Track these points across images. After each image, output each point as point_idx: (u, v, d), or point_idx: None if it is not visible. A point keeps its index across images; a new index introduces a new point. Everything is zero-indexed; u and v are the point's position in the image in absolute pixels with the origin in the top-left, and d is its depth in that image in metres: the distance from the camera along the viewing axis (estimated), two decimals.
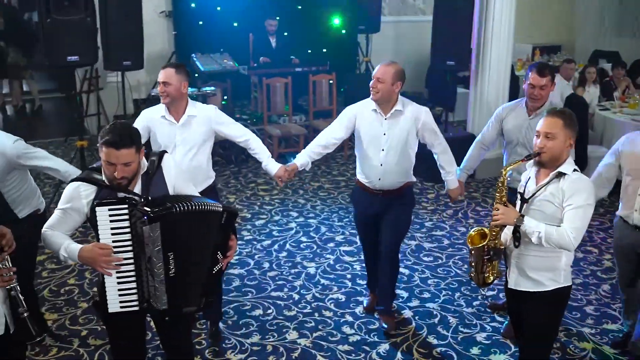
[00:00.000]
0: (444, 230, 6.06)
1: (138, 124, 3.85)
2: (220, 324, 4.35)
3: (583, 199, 2.96)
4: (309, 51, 9.71)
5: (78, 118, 7.32)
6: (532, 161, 3.14)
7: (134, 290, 2.76)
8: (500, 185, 3.12)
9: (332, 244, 5.71)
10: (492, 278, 3.28)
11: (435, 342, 4.21)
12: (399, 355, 4.07)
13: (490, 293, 4.80)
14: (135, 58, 7.03)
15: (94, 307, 3.10)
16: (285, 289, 4.91)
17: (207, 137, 4.01)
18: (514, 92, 8.22)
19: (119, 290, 2.74)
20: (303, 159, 4.18)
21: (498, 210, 3.06)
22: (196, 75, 8.60)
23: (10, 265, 2.57)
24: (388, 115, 4.01)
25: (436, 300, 4.75)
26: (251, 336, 4.26)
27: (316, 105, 8.42)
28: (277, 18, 8.84)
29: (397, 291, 4.78)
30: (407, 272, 5.19)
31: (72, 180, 2.88)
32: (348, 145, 8.00)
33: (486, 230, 3.17)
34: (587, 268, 5.30)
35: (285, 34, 9.08)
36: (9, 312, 2.67)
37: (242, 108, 9.17)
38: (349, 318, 4.49)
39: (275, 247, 5.67)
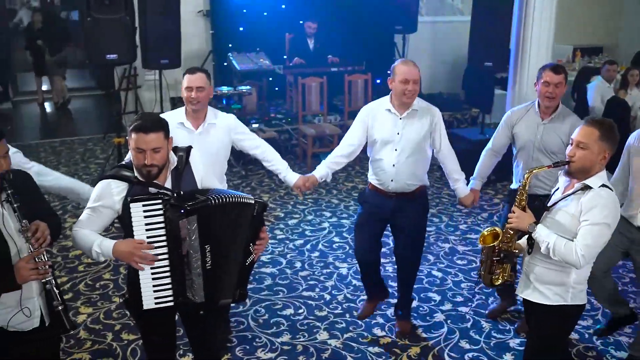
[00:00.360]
0: (478, 233, 5.98)
1: None
2: (251, 322, 4.37)
3: (601, 216, 2.82)
4: (346, 51, 9.67)
5: (116, 115, 7.44)
6: (563, 170, 3.05)
7: (169, 286, 2.78)
8: (522, 189, 3.03)
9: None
10: (500, 280, 3.21)
11: (467, 346, 4.16)
12: (430, 359, 4.03)
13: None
14: (173, 57, 7.09)
15: (125, 306, 3.14)
16: (317, 289, 4.90)
17: (225, 148, 3.95)
18: None
19: (154, 286, 2.76)
20: (323, 170, 4.11)
21: (514, 213, 2.99)
22: (232, 74, 8.70)
23: (46, 260, 2.61)
24: (404, 114, 3.91)
25: (469, 304, 4.69)
26: (282, 335, 4.26)
27: (351, 105, 8.39)
28: (317, 21, 8.82)
29: (430, 294, 4.74)
30: (440, 275, 5.14)
31: (103, 178, 2.90)
32: None
33: (499, 231, 3.12)
34: (626, 275, 5.17)
35: (323, 33, 9.07)
36: (44, 305, 2.72)
37: (277, 107, 9.19)
38: (380, 320, 4.46)
39: (308, 246, 5.67)
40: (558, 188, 3.10)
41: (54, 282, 2.64)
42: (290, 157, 7.95)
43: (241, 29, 9.35)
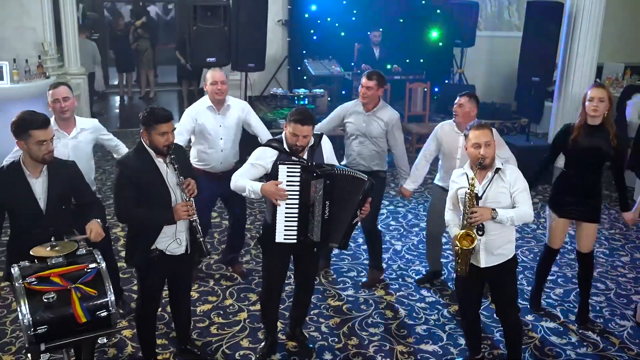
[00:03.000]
0: None
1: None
2: (323, 280, 5.43)
3: (523, 182, 3.84)
4: (407, 61, 10.65)
5: None
6: (466, 164, 3.98)
7: (295, 227, 3.93)
8: (470, 193, 3.80)
9: (416, 229, 6.68)
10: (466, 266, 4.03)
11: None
12: None
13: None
14: (258, 61, 8.24)
15: (258, 241, 4.32)
16: None
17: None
18: None
19: (285, 226, 3.92)
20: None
21: (476, 212, 3.77)
22: (305, 78, 9.82)
23: (193, 206, 3.72)
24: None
25: None
26: (347, 290, 5.32)
27: (411, 110, 9.37)
28: (380, 29, 9.85)
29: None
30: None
31: (262, 145, 4.10)
32: None
33: (472, 232, 3.81)
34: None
35: (387, 44, 10.07)
36: (189, 239, 3.84)
37: None
38: (428, 285, 5.45)
39: None
40: (469, 179, 3.85)
41: (197, 220, 3.76)
42: None
43: (315, 37, 10.47)
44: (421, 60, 10.90)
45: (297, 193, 3.89)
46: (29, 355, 2.86)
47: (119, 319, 4.48)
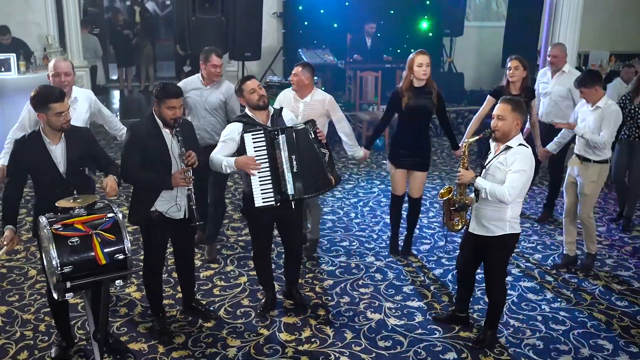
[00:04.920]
0: None
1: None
2: (319, 250, 5.82)
3: (520, 165, 3.96)
4: (399, 50, 11.04)
5: None
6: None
7: (270, 189, 4.31)
8: (462, 154, 4.24)
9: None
10: (460, 226, 4.39)
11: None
12: (450, 277, 5.38)
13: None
14: (254, 50, 8.64)
15: (242, 214, 4.71)
16: (367, 230, 6.34)
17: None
18: None
19: (261, 190, 4.30)
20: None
21: (460, 172, 4.16)
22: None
23: (191, 175, 4.08)
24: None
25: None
26: (339, 257, 5.72)
27: None
28: (374, 24, 10.24)
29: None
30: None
31: (229, 122, 4.51)
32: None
33: (450, 187, 4.33)
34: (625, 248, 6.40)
35: (379, 34, 10.47)
36: (187, 205, 4.23)
37: (337, 97, 10.61)
38: (415, 252, 5.85)
39: (361, 203, 7.12)
40: (491, 150, 4.20)
41: (192, 190, 4.14)
42: None
43: (309, 29, 10.87)
44: (412, 50, 11.22)
45: (266, 156, 4.29)
46: (55, 294, 3.25)
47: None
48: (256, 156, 4.27)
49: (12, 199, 3.91)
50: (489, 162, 4.16)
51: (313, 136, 4.39)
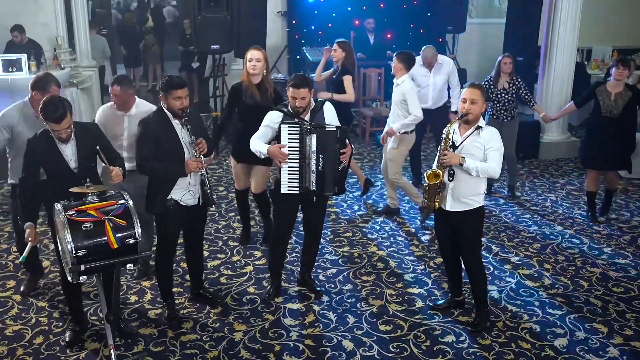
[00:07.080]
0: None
1: None
2: (322, 240, 5.97)
3: (497, 143, 4.29)
4: (402, 47, 11.17)
5: (211, 97, 9.20)
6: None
7: (296, 180, 4.57)
8: (445, 137, 4.37)
9: (408, 198, 7.23)
10: (437, 204, 4.49)
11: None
12: None
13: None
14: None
15: (270, 193, 5.08)
16: (370, 222, 6.50)
17: None
18: (583, 88, 9.35)
19: (288, 179, 4.58)
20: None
21: (446, 155, 4.30)
22: (305, 64, 10.37)
23: (203, 161, 4.27)
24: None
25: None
26: (342, 247, 5.88)
27: None
28: (373, 18, 10.39)
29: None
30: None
31: (272, 110, 4.71)
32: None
33: (438, 171, 4.37)
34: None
35: (389, 35, 10.61)
36: (201, 192, 4.41)
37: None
38: (417, 242, 6.00)
39: (364, 196, 7.25)
40: (454, 130, 4.37)
41: (206, 175, 4.32)
42: (351, 135, 9.53)
43: (312, 27, 11.03)
44: (414, 47, 11.41)
45: (297, 148, 4.52)
46: (69, 277, 3.43)
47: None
48: (288, 146, 4.53)
49: (30, 190, 4.04)
50: (461, 143, 4.35)
51: (339, 143, 4.53)
